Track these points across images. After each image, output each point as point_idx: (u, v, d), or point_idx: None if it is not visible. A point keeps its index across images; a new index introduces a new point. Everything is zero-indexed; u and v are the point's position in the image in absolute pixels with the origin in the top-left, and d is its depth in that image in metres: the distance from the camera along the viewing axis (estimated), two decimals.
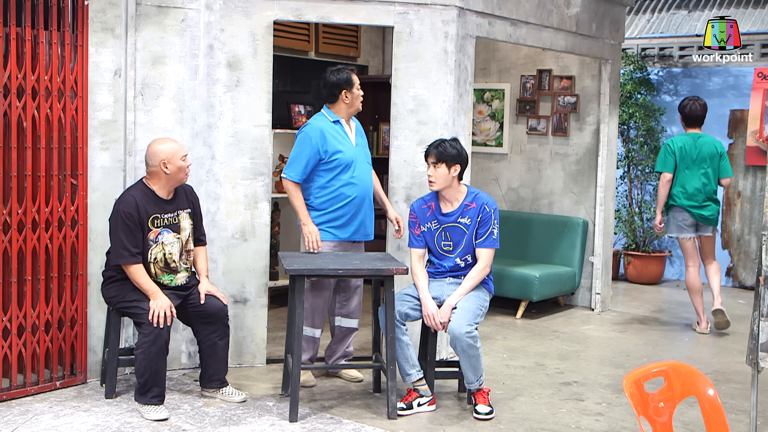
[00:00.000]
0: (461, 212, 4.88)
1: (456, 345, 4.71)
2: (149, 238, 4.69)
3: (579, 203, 7.84)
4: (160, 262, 4.73)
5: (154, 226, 4.70)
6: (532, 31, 6.39)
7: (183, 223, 4.83)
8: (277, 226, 7.42)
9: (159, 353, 4.56)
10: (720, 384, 5.54)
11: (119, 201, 4.70)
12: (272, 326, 6.21)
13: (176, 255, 4.78)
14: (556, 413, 4.92)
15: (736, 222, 9.22)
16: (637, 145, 9.34)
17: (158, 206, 4.73)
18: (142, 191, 4.71)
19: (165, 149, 4.68)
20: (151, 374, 4.57)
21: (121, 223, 4.61)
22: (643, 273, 9.28)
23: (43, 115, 4.78)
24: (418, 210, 4.99)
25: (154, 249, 4.71)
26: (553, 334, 6.83)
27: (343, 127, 5.24)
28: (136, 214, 4.63)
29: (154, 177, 4.73)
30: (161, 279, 4.74)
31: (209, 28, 5.31)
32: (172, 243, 4.76)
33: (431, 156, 4.83)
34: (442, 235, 4.91)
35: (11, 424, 4.40)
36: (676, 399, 3.03)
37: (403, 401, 4.84)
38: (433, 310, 4.79)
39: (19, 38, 4.67)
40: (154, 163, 4.69)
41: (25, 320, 4.78)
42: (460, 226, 4.88)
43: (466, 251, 4.91)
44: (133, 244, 4.62)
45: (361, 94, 5.24)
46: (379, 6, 5.50)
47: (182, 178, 4.76)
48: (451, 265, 4.95)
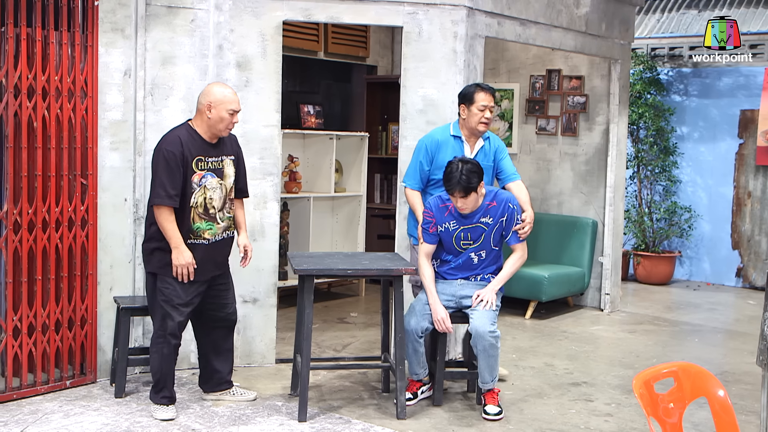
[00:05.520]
0: (483, 212, 4.81)
1: (477, 344, 4.70)
2: (193, 181, 4.49)
3: (588, 203, 7.82)
4: (200, 207, 4.54)
5: (198, 169, 4.51)
6: (542, 31, 6.38)
7: (227, 169, 4.66)
8: (286, 226, 7.43)
9: (170, 356, 4.57)
10: (730, 385, 5.52)
11: (163, 140, 4.51)
12: (281, 326, 6.22)
13: (216, 201, 4.59)
14: (565, 414, 4.92)
15: (747, 222, 9.18)
16: (646, 145, 9.32)
17: (203, 149, 4.54)
18: (188, 131, 4.54)
19: (216, 93, 4.53)
20: (162, 375, 4.58)
21: (163, 162, 4.43)
22: (653, 273, 9.25)
23: (54, 116, 4.79)
24: (435, 209, 4.86)
25: (196, 193, 4.51)
26: (563, 335, 6.81)
27: (463, 143, 5.09)
28: (180, 155, 4.44)
29: (198, 117, 4.58)
30: (201, 228, 4.56)
31: (218, 29, 5.32)
32: (214, 188, 4.58)
33: (458, 192, 4.65)
34: (461, 235, 4.84)
35: (21, 423, 4.42)
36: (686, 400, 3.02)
37: (409, 391, 4.91)
38: (442, 315, 4.78)
39: (29, 38, 4.69)
40: (202, 101, 4.55)
41: (36, 320, 4.80)
42: (481, 225, 4.82)
43: (482, 247, 4.87)
44: (172, 185, 4.41)
45: (480, 114, 4.98)
46: (389, 6, 5.50)
47: (221, 130, 4.56)
48: (464, 259, 4.89)
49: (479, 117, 5.00)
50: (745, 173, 9.14)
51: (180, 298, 4.53)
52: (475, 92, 5.01)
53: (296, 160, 7.60)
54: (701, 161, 9.45)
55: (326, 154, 7.73)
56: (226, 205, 4.66)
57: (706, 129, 9.39)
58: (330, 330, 6.72)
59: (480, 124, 5.02)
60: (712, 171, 9.39)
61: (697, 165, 9.48)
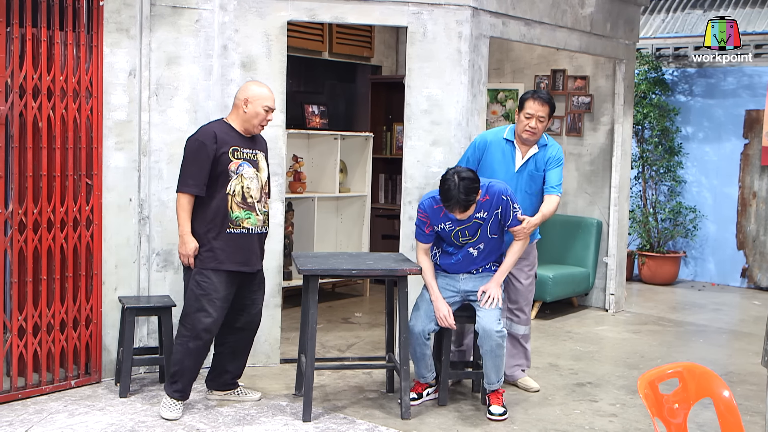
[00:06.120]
0: (477, 209, 4.73)
1: (484, 344, 4.70)
2: (230, 169, 4.54)
3: (593, 203, 7.81)
4: (238, 195, 4.57)
5: (234, 158, 4.57)
6: (546, 31, 6.38)
7: (261, 163, 4.72)
8: (290, 226, 7.43)
9: (197, 351, 4.56)
10: (735, 385, 5.51)
11: (197, 132, 4.63)
12: (285, 326, 6.22)
13: (254, 191, 4.63)
14: (570, 414, 4.91)
15: (752, 222, 9.17)
16: (651, 145, 9.31)
17: (238, 140, 4.62)
18: (224, 124, 4.65)
19: (254, 89, 4.63)
20: (181, 368, 4.58)
21: (192, 153, 4.53)
22: (657, 273, 9.24)
23: (59, 116, 4.80)
24: (430, 210, 4.81)
25: (233, 181, 4.56)
26: (567, 335, 6.81)
27: (515, 148, 5.05)
28: (212, 146, 4.51)
29: (234, 113, 4.66)
30: (240, 217, 4.57)
31: (223, 29, 5.32)
32: (251, 178, 4.62)
33: (457, 211, 4.56)
34: (459, 233, 4.82)
35: (26, 422, 4.43)
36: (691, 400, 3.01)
37: (414, 391, 4.91)
38: (445, 312, 4.78)
39: (34, 39, 4.70)
40: (239, 96, 4.63)
41: (41, 319, 4.80)
42: (477, 221, 4.77)
43: (481, 241, 4.82)
44: (195, 176, 4.50)
45: (526, 122, 4.93)
46: (393, 6, 5.50)
47: (255, 125, 4.64)
48: (463, 254, 4.86)
49: (524, 124, 4.96)
50: (750, 173, 9.13)
51: (218, 291, 4.55)
52: (526, 99, 4.98)
53: (301, 160, 7.60)
54: (706, 161, 9.44)
55: (331, 154, 7.73)
56: (262, 198, 4.70)
57: (711, 129, 9.38)
58: (334, 330, 6.73)
59: (524, 131, 4.97)
60: (717, 171, 9.38)
61: (702, 165, 9.47)
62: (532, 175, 5.04)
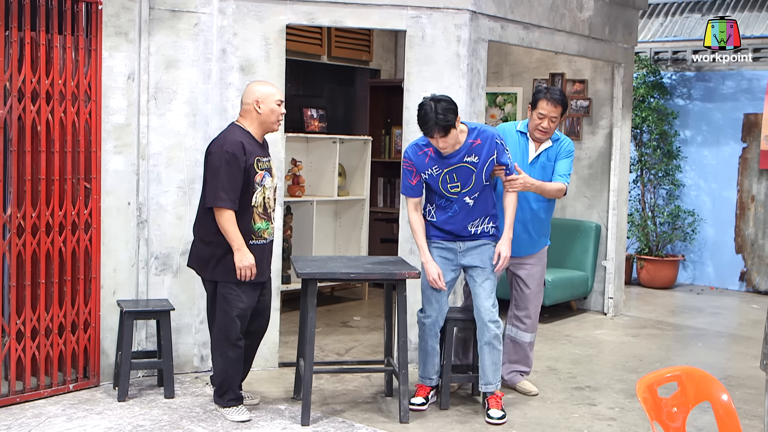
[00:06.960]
0: (466, 151, 4.63)
1: (482, 336, 4.72)
2: (255, 180, 4.49)
3: (592, 207, 7.82)
4: (260, 207, 4.55)
5: (258, 169, 4.52)
6: (545, 34, 6.39)
7: (273, 170, 4.71)
8: (289, 230, 7.43)
9: (236, 359, 4.59)
10: (734, 389, 5.51)
11: (222, 142, 4.46)
12: (284, 330, 6.22)
13: (272, 201, 4.64)
14: (569, 418, 4.91)
15: (750, 226, 9.17)
16: (650, 149, 9.31)
17: (258, 149, 4.56)
18: (243, 132, 4.54)
19: (260, 89, 4.58)
20: (226, 378, 4.60)
21: (225, 165, 4.38)
22: (656, 277, 9.25)
23: (57, 119, 4.80)
24: (414, 156, 4.70)
25: (257, 193, 4.52)
26: (566, 339, 6.81)
27: (528, 140, 5.07)
28: (242, 156, 4.42)
29: (247, 117, 4.58)
30: (262, 228, 4.57)
31: (222, 33, 5.33)
32: (270, 187, 4.61)
33: (437, 133, 4.46)
34: (446, 178, 4.67)
35: (24, 426, 4.42)
36: (690, 404, 3.02)
37: (419, 395, 4.91)
38: (435, 276, 4.72)
39: (33, 42, 4.70)
40: (248, 100, 4.56)
41: (39, 323, 4.80)
42: (467, 165, 4.64)
43: (476, 189, 4.70)
44: (233, 188, 4.39)
45: (538, 121, 4.97)
46: (392, 10, 5.50)
47: (273, 122, 4.58)
48: (459, 204, 4.74)
49: (536, 124, 5.00)
50: (749, 177, 9.13)
51: (243, 302, 4.57)
52: (539, 99, 4.99)
53: (299, 163, 7.60)
54: (705, 165, 9.44)
55: (329, 157, 7.73)
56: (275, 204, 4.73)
57: (710, 133, 9.39)
58: (333, 334, 6.72)
59: (536, 130, 5.01)
60: (715, 175, 9.38)
61: (700, 169, 9.47)
62: (545, 166, 5.07)
